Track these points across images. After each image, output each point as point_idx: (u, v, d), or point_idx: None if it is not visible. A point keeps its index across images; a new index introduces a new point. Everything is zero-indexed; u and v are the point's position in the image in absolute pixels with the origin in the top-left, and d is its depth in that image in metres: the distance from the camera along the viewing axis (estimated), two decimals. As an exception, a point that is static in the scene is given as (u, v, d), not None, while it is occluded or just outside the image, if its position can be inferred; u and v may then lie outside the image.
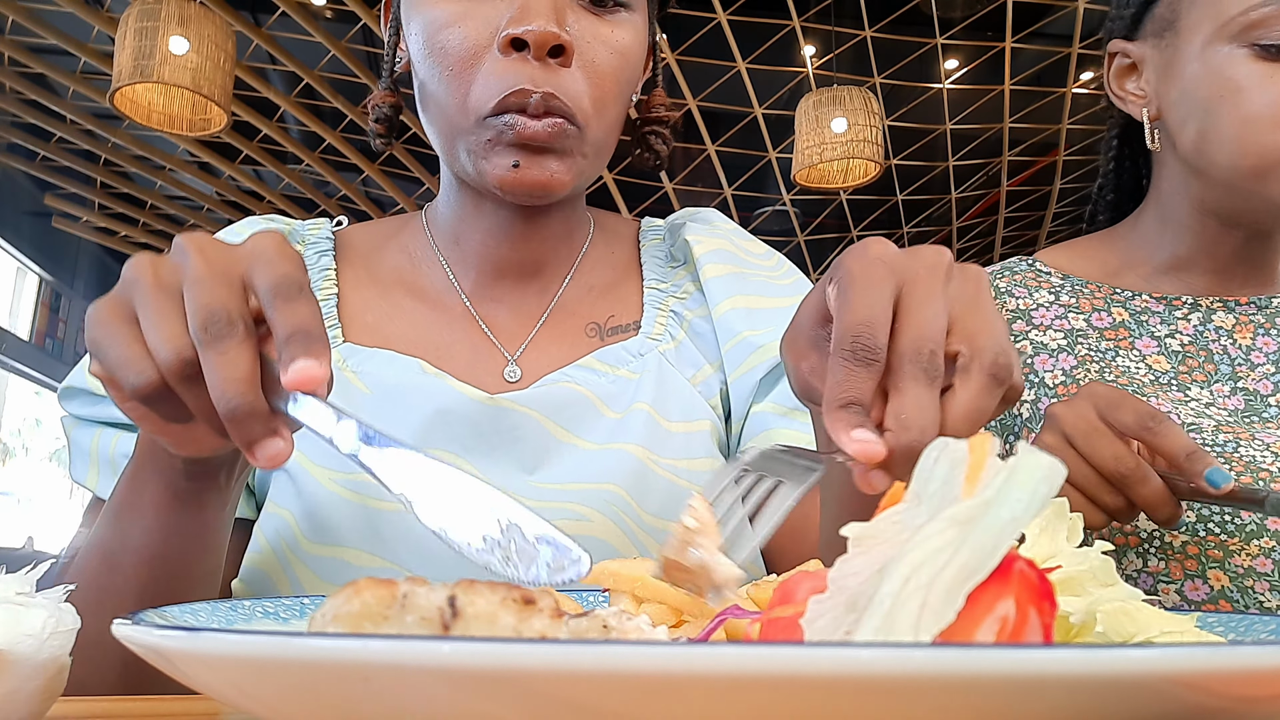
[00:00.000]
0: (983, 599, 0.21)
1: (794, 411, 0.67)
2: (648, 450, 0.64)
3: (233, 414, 0.37)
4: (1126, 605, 0.29)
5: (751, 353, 0.68)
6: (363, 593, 0.24)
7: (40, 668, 0.32)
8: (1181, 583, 0.73)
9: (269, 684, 0.21)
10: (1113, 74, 0.86)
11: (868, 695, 0.18)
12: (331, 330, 0.67)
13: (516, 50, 0.59)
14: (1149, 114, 0.82)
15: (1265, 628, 0.33)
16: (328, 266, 0.73)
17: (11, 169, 6.38)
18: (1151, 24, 0.83)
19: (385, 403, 0.65)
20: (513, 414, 0.64)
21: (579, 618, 0.25)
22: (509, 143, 0.60)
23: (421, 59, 0.63)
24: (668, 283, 0.74)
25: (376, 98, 0.71)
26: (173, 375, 0.39)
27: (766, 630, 0.27)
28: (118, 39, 3.02)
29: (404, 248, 0.75)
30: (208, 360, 0.38)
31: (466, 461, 0.62)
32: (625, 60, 0.64)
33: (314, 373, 0.37)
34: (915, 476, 0.26)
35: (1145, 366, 0.82)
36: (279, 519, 0.62)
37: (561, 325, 0.71)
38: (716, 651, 0.17)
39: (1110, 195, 0.95)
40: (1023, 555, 0.23)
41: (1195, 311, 0.84)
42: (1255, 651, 0.18)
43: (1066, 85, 5.16)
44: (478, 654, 0.18)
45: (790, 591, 0.27)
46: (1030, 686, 0.17)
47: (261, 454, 0.38)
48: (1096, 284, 0.88)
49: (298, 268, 0.40)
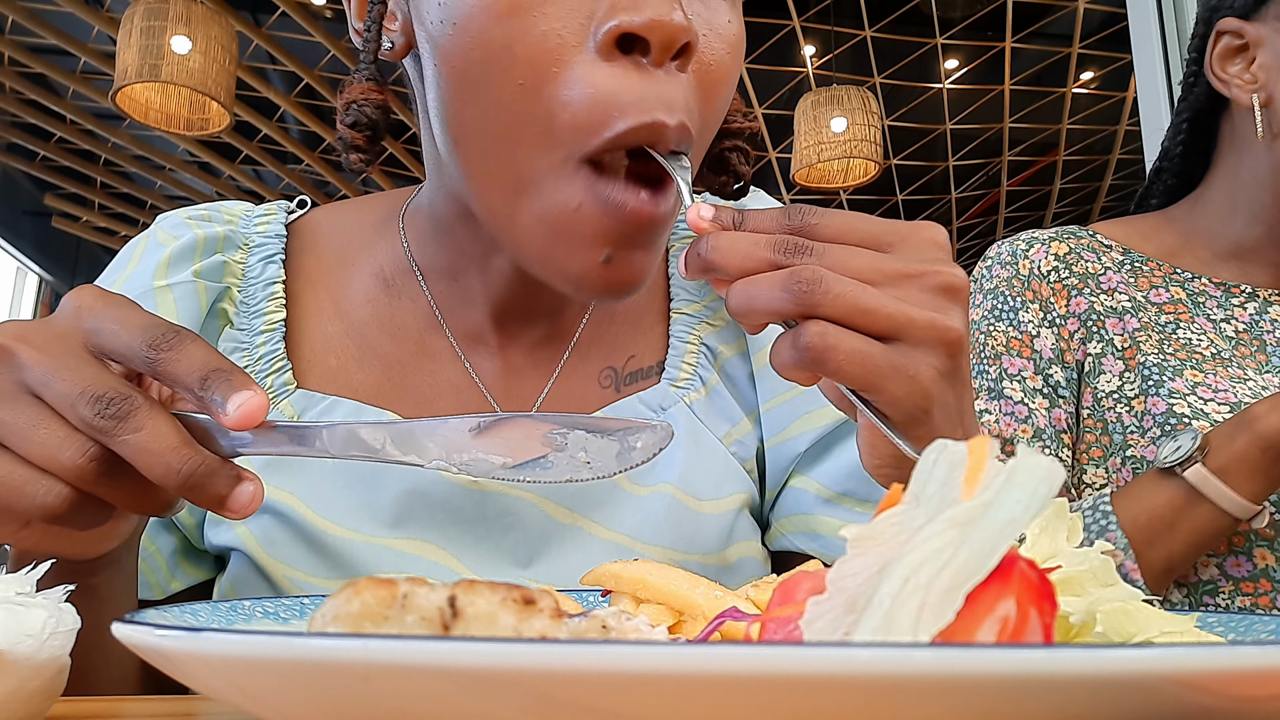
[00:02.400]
0: (983, 599, 0.21)
1: (841, 498, 0.56)
2: (670, 551, 0.53)
3: (190, 479, 0.33)
4: (1126, 605, 0.28)
5: (796, 419, 0.57)
6: (363, 593, 0.24)
7: (40, 668, 0.32)
8: (1224, 558, 0.73)
9: (269, 684, 0.21)
10: (1217, 54, 0.82)
11: (867, 695, 0.18)
12: (280, 374, 0.55)
13: (624, 52, 0.41)
14: (1259, 100, 0.79)
15: (1265, 628, 0.33)
16: (274, 279, 0.57)
17: (11, 169, 6.37)
18: (1278, 7, 0.79)
19: (343, 474, 0.53)
20: (504, 497, 0.52)
21: (579, 618, 0.25)
22: (614, 218, 0.42)
23: (459, 58, 0.43)
24: (699, 303, 0.61)
25: (354, 92, 0.50)
26: (87, 477, 0.33)
27: (765, 631, 0.27)
28: (121, 38, 3.02)
29: (377, 269, 0.59)
30: (126, 443, 0.33)
31: (446, 553, 0.52)
32: (739, 58, 0.47)
33: (254, 403, 0.33)
34: (914, 478, 0.26)
35: (1206, 340, 0.81)
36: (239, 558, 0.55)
37: (572, 376, 0.58)
38: (716, 651, 0.17)
39: (1171, 180, 0.93)
40: (1023, 555, 0.23)
41: (1252, 301, 0.84)
42: (1255, 651, 0.18)
43: (1066, 85, 5.15)
44: (478, 654, 0.18)
45: (790, 592, 0.27)
46: (1030, 686, 0.17)
47: (237, 505, 0.34)
48: (1156, 262, 0.88)
49: (137, 310, 0.35)
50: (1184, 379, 0.77)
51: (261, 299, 0.57)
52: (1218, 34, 0.83)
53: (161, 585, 0.57)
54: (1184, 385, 0.76)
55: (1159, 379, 0.77)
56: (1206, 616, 0.34)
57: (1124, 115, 5.41)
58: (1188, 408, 0.75)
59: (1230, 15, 0.82)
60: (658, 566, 0.38)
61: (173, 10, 2.99)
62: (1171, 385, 0.76)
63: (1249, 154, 0.82)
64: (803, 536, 0.57)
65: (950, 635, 0.21)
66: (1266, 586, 0.72)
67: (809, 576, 0.27)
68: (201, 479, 0.33)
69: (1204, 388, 0.76)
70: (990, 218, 6.66)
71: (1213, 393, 0.75)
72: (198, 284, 0.56)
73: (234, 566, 0.56)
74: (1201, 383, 0.76)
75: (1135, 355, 0.80)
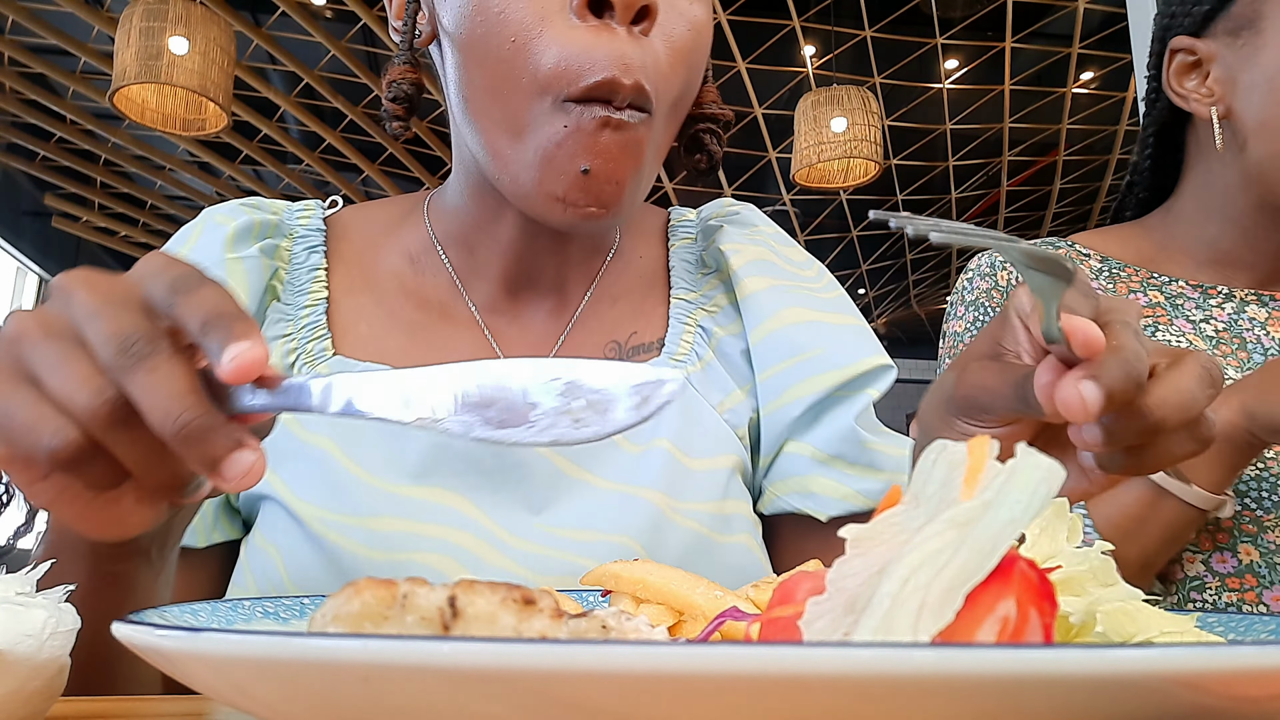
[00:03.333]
0: (984, 599, 0.21)
1: (834, 460, 0.61)
2: (666, 496, 0.58)
3: (186, 432, 0.31)
4: (1126, 605, 0.29)
5: (790, 386, 0.61)
6: (363, 593, 0.24)
7: (40, 668, 0.32)
8: (1209, 554, 0.74)
9: (269, 684, 0.21)
10: (1173, 71, 0.85)
11: (867, 695, 0.18)
12: (320, 341, 0.62)
13: (595, 15, 0.51)
14: (1217, 112, 0.81)
15: (1265, 628, 0.33)
16: (317, 266, 0.65)
17: (11, 169, 6.38)
18: (1226, 21, 0.82)
19: (375, 429, 0.57)
20: (518, 451, 0.58)
21: (578, 618, 0.25)
22: (588, 139, 0.51)
23: (466, 27, 0.53)
24: (697, 292, 0.67)
25: (395, 73, 0.62)
26: (99, 421, 0.32)
27: (765, 631, 0.27)
28: (119, 38, 3.02)
29: (404, 249, 0.67)
30: (138, 384, 0.32)
31: (467, 500, 0.57)
32: (701, 39, 0.56)
33: (251, 354, 0.32)
34: (914, 478, 0.26)
35: (1186, 341, 0.82)
36: (266, 557, 0.57)
37: (579, 345, 0.64)
38: (715, 652, 0.17)
39: (1143, 194, 0.96)
40: (1023, 555, 0.23)
41: (1229, 301, 0.85)
42: (1255, 651, 0.18)
43: (1066, 85, 5.16)
44: (478, 654, 0.18)
45: (789, 592, 0.27)
46: (1030, 686, 0.17)
47: (231, 472, 0.32)
48: (1134, 268, 0.89)
49: (191, 268, 0.35)
50: None
51: (305, 280, 0.64)
52: (1172, 52, 0.85)
53: (205, 533, 0.60)
54: None
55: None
56: (1206, 617, 0.34)
57: (1124, 115, 5.41)
58: None
59: (1181, 34, 0.85)
60: (658, 566, 0.38)
61: (172, 11, 3.00)
62: None
63: (1218, 163, 0.84)
64: (798, 496, 0.61)
65: (950, 635, 0.21)
66: (1252, 582, 0.72)
67: (809, 577, 0.27)
68: (196, 433, 0.31)
69: None
70: (990, 218, 6.66)
71: None
72: (261, 259, 0.63)
73: (265, 516, 0.58)
74: None
75: None
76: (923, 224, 0.32)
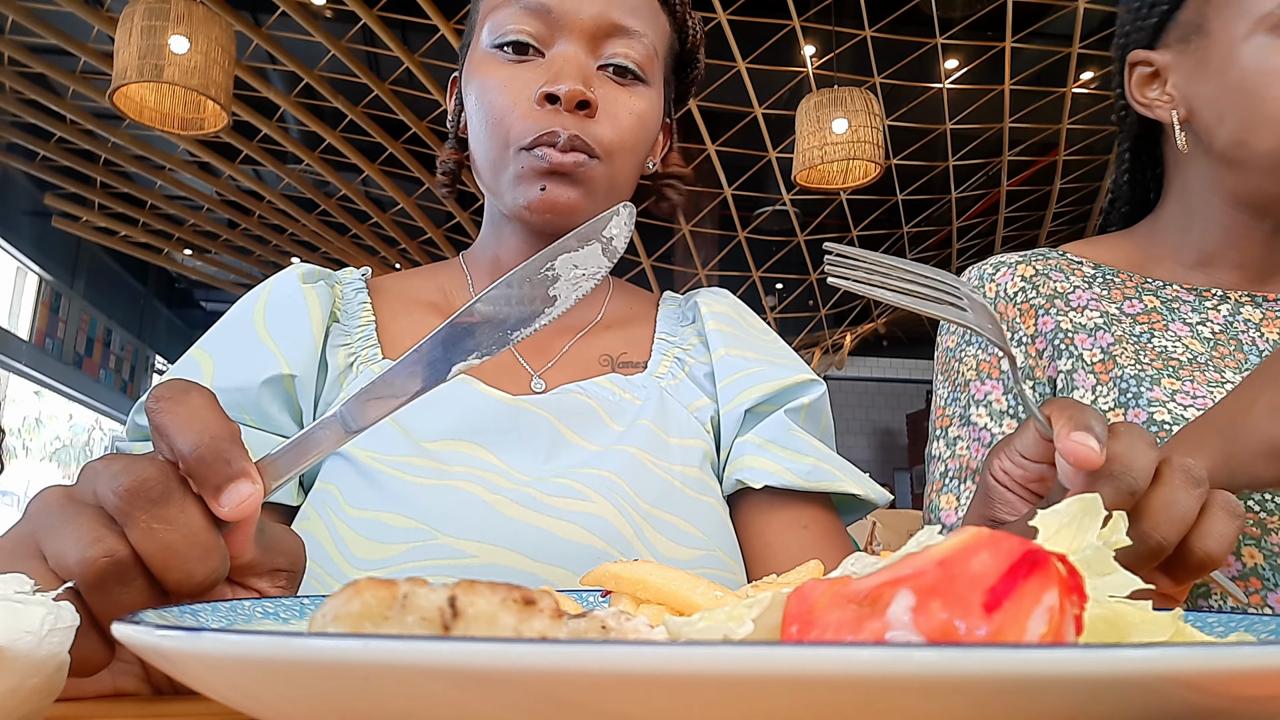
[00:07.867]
0: (1029, 590, 0.22)
1: (769, 444, 0.75)
2: (647, 453, 0.72)
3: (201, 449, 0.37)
4: (1106, 612, 0.28)
5: (741, 391, 0.77)
6: (363, 593, 0.24)
7: (39, 665, 0.32)
8: None
9: (269, 684, 0.21)
10: (1134, 84, 0.88)
11: (867, 695, 0.18)
12: (372, 349, 0.77)
13: (550, 103, 0.72)
14: (1178, 116, 0.84)
15: (1265, 628, 0.33)
16: (364, 301, 0.82)
17: (11, 169, 6.38)
18: (1175, 30, 0.85)
19: (420, 404, 0.66)
20: (529, 414, 0.73)
21: (578, 618, 0.25)
22: (540, 170, 0.72)
23: (475, 113, 0.77)
24: (677, 336, 0.85)
25: (444, 155, 0.87)
26: (89, 579, 0.36)
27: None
28: (119, 37, 3.02)
29: (439, 286, 0.85)
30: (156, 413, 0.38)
31: (490, 452, 0.71)
32: (641, 121, 0.76)
33: (248, 499, 0.37)
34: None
35: (1182, 346, 0.83)
36: (325, 492, 0.69)
37: (577, 355, 0.81)
38: (715, 652, 0.17)
39: (1124, 207, 0.98)
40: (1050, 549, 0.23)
41: (1224, 303, 0.87)
42: (1255, 651, 0.18)
43: (1066, 85, 5.16)
44: (478, 654, 0.18)
45: (806, 597, 0.27)
46: (1030, 686, 0.17)
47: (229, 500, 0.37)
48: (1128, 273, 0.91)
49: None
50: (1162, 388, 0.79)
51: (356, 309, 0.81)
52: (1130, 66, 0.88)
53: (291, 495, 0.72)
54: (1162, 393, 0.78)
55: (1137, 390, 0.79)
56: (1205, 616, 0.34)
57: (1124, 115, 5.40)
58: (1168, 414, 0.76)
59: (1136, 48, 0.88)
60: (658, 566, 0.38)
61: (173, 10, 2.99)
62: (1150, 395, 0.78)
63: (1193, 166, 0.86)
64: (741, 472, 0.76)
65: (1002, 627, 0.21)
66: (1256, 585, 0.72)
67: (820, 583, 0.27)
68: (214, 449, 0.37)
69: (1182, 394, 0.78)
70: (990, 218, 6.66)
71: (1191, 399, 0.77)
72: (327, 288, 0.79)
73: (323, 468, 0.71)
74: (1179, 389, 0.78)
75: (1111, 369, 0.82)
76: (864, 278, 0.42)
